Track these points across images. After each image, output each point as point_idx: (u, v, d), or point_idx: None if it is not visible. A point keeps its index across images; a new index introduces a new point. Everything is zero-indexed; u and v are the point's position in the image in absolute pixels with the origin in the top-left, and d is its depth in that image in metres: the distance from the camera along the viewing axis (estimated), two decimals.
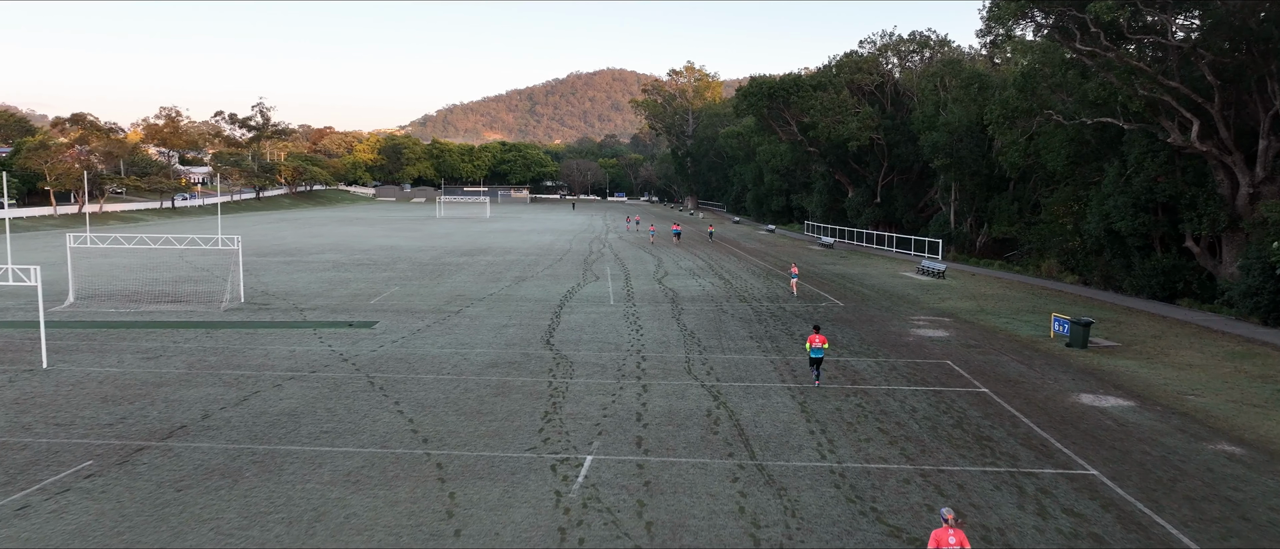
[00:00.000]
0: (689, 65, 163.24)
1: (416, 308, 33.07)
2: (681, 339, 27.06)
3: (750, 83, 67.87)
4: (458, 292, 37.68)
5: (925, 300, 36.82)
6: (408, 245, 62.57)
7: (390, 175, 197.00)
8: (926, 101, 57.97)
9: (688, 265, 50.35)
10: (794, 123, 66.97)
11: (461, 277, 43.43)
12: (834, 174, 70.88)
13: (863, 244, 65.75)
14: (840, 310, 33.59)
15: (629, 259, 53.92)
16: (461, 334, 27.65)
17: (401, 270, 46.04)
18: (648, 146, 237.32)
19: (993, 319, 31.98)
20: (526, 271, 46.09)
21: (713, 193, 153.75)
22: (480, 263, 50.50)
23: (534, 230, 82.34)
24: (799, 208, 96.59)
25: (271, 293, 36.93)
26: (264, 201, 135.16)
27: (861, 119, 59.98)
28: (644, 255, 56.73)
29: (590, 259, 53.60)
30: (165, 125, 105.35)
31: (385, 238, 69.69)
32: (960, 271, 47.64)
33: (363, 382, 21.12)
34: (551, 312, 32.40)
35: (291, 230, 78.00)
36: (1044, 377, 22.63)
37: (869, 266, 51.14)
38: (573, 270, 46.93)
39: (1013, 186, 53.95)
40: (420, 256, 53.95)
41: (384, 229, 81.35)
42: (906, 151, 62.48)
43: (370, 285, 39.67)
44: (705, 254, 58.44)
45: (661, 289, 39.27)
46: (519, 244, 64.88)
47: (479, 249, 60.03)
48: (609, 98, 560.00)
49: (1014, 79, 43.98)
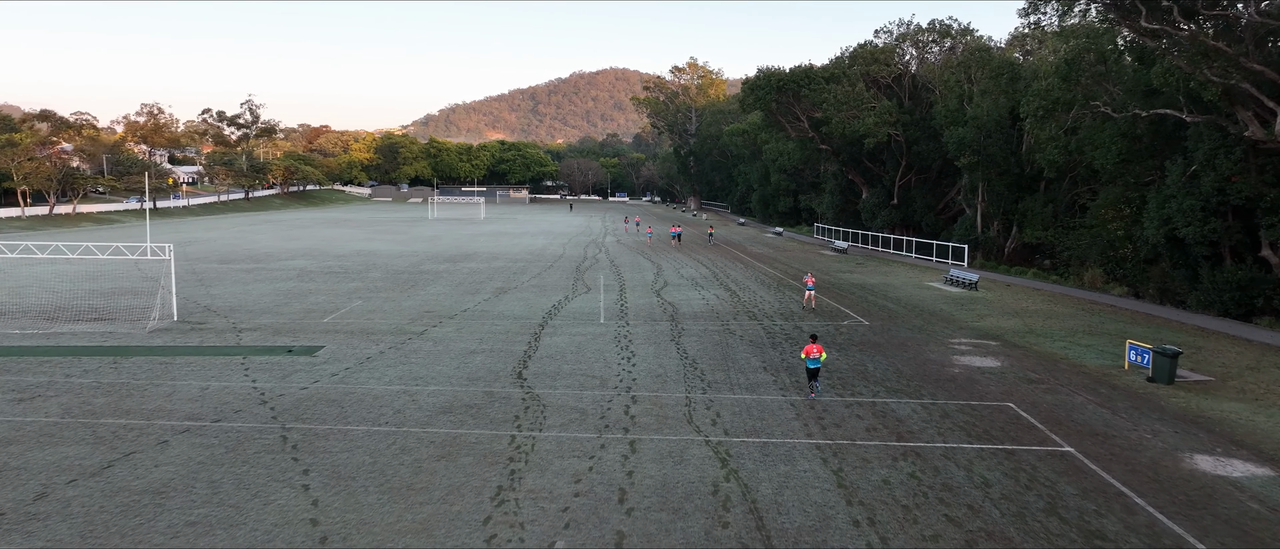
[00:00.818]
0: (692, 62, 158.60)
1: (374, 328, 28.51)
2: (681, 370, 22.46)
3: (757, 75, 63.24)
4: (428, 307, 33.11)
5: (961, 317, 32.15)
6: (388, 250, 58.06)
7: (386, 175, 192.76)
8: (950, 95, 53.29)
9: (690, 274, 45.74)
10: (805, 118, 62.28)
11: (437, 288, 38.87)
12: (847, 173, 66.18)
13: (879, 249, 61.07)
14: (866, 331, 28.95)
15: (625, 266, 49.34)
16: (418, 364, 23.07)
17: (372, 280, 41.50)
18: (650, 146, 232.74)
19: (1047, 343, 27.31)
20: (511, 281, 41.52)
21: (716, 193, 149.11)
22: (461, 271, 45.94)
23: (527, 233, 77.79)
24: (807, 209, 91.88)
25: (215, 308, 32.40)
26: (254, 202, 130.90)
27: (879, 113, 55.28)
28: (642, 262, 52.13)
29: (583, 266, 49.01)
30: (147, 122, 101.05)
31: (366, 241, 65.20)
32: (992, 281, 42.94)
33: (273, 437, 16.56)
34: (531, 333, 27.82)
35: (270, 233, 73.55)
36: (1137, 426, 17.98)
37: (890, 275, 46.46)
38: (562, 280, 42.36)
39: (1045, 187, 49.26)
40: (397, 263, 49.41)
41: (369, 231, 76.89)
42: (927, 149, 57.79)
43: (331, 299, 35.13)
44: (708, 260, 53.82)
45: (660, 303, 34.66)
46: (508, 249, 60.32)
47: (464, 255, 55.47)
48: (612, 97, 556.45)
49: (1055, 67, 39.25)
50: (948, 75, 54.01)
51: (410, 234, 74.41)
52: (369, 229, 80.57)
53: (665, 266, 49.30)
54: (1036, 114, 39.65)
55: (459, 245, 62.80)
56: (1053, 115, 39.75)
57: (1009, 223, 52.10)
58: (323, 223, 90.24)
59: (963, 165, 49.72)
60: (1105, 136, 36.72)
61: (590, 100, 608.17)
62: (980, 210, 51.60)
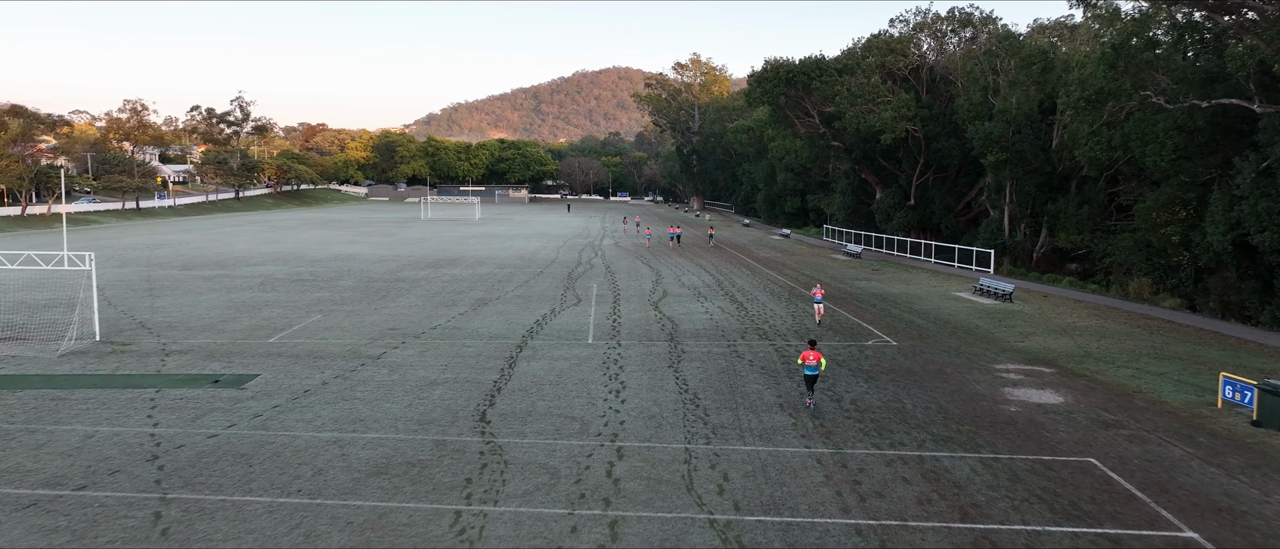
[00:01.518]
0: (695, 58, 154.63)
1: (325, 350, 24.60)
2: (680, 411, 18.51)
3: (765, 67, 59.17)
4: (393, 323, 29.18)
5: (1002, 336, 28.14)
6: (369, 254, 54.18)
7: (383, 174, 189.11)
8: (973, 87, 49.26)
9: (691, 282, 41.78)
10: (815, 113, 58.22)
11: (410, 299, 34.94)
12: (860, 172, 62.14)
13: (895, 253, 57.03)
14: (895, 354, 24.96)
15: (622, 273, 45.39)
16: (362, 401, 19.15)
17: (341, 289, 37.60)
18: (652, 145, 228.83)
19: (1110, 370, 23.29)
20: (494, 291, 37.58)
21: (720, 192, 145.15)
22: (442, 278, 42.02)
23: (521, 235, 73.88)
24: (816, 210, 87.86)
25: (151, 324, 28.52)
26: (244, 202, 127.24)
27: (897, 107, 51.21)
28: (640, 268, 48.17)
29: (577, 273, 45.08)
30: (129, 119, 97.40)
31: (349, 244, 61.34)
32: (1026, 291, 38.88)
33: (144, 516, 12.65)
34: (506, 357, 23.89)
35: (249, 235, 69.75)
36: (1269, 496, 13.99)
37: (912, 283, 42.42)
38: (551, 289, 38.42)
39: (1077, 186, 45.23)
40: (374, 269, 45.52)
41: (355, 233, 73.06)
42: (947, 146, 53.74)
43: (288, 312, 31.23)
44: (712, 265, 49.84)
45: (657, 318, 30.70)
46: (498, 253, 56.41)
47: (449, 259, 51.56)
48: (614, 96, 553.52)
49: (1099, 54, 35.18)
50: (971, 66, 49.94)
51: (398, 236, 70.56)
52: (356, 230, 76.76)
53: (665, 273, 45.34)
54: (1077, 106, 35.63)
55: (446, 249, 58.91)
56: (1095, 107, 35.71)
57: (1037, 226, 48.06)
58: (310, 224, 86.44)
59: (989, 163, 45.67)
60: (1158, 130, 32.67)
61: (593, 99, 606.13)
62: (1007, 212, 47.53)
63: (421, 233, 75.05)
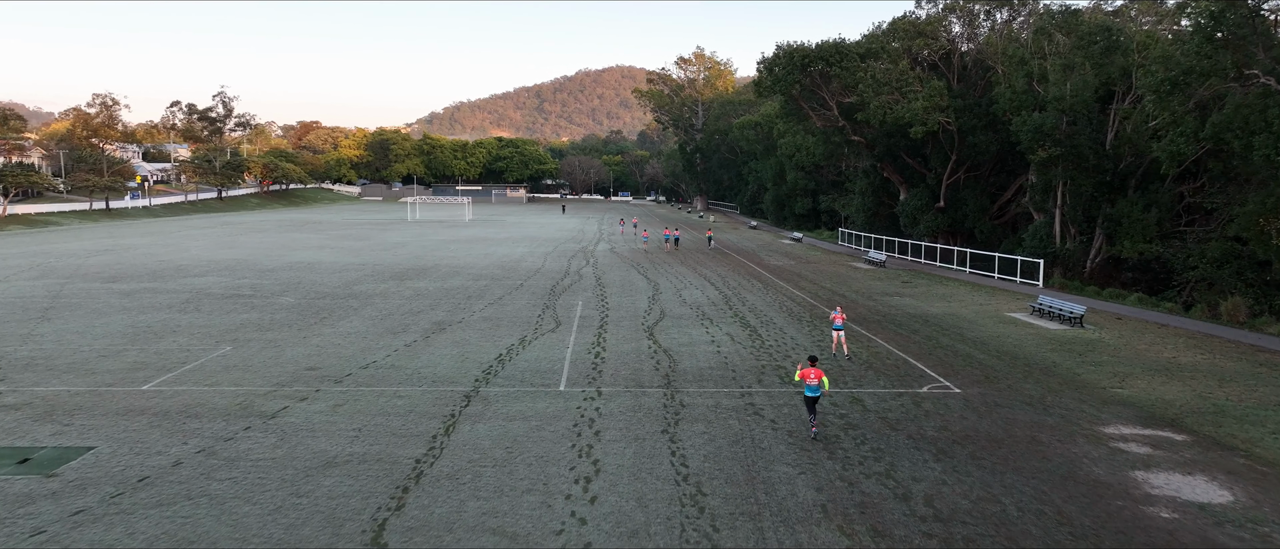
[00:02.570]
0: (698, 52, 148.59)
1: (209, 403, 18.58)
2: (676, 521, 12.44)
3: (777, 52, 52.85)
4: (317, 360, 23.14)
5: (1091, 378, 22.01)
6: (332, 262, 48.20)
7: (377, 173, 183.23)
8: (1015, 73, 43.09)
9: (694, 298, 35.68)
10: (834, 104, 52.00)
11: (352, 323, 28.88)
12: (882, 171, 55.94)
13: (923, 262, 50.85)
14: (963, 409, 18.84)
15: (614, 286, 39.32)
16: (213, 501, 13.13)
17: (276, 310, 31.58)
18: (655, 143, 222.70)
19: (1267, 436, 17.12)
20: (459, 310, 31.52)
21: (725, 192, 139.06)
22: (402, 294, 35.97)
23: (508, 239, 67.85)
24: (828, 211, 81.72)
25: (8, 358, 22.53)
26: (227, 202, 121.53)
27: (929, 96, 45.01)
28: (635, 279, 42.09)
29: (561, 286, 39.03)
30: (98, 115, 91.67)
31: (315, 250, 55.37)
32: (1097, 313, 32.59)
33: None
34: (445, 415, 17.85)
35: (211, 239, 63.83)
36: None
37: (952, 300, 36.24)
38: (528, 308, 32.36)
39: (1139, 186, 39.09)
40: (329, 282, 39.50)
41: (330, 236, 67.13)
42: (982, 140, 47.53)
43: (194, 342, 25.22)
44: (717, 277, 43.74)
45: (651, 350, 24.62)
46: (477, 261, 50.37)
47: (420, 268, 45.52)
48: (618, 95, 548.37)
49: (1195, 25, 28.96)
50: (1014, 49, 43.68)
51: (373, 240, 64.58)
52: (333, 233, 70.82)
53: (664, 286, 39.24)
54: (1161, 90, 29.46)
55: (422, 255, 52.89)
56: (1181, 91, 29.55)
57: (1089, 230, 41.88)
58: (286, 226, 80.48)
59: (1037, 160, 39.47)
60: (1271, 117, 26.47)
61: (596, 98, 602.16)
62: (1058, 216, 41.31)
63: (401, 236, 69.07)
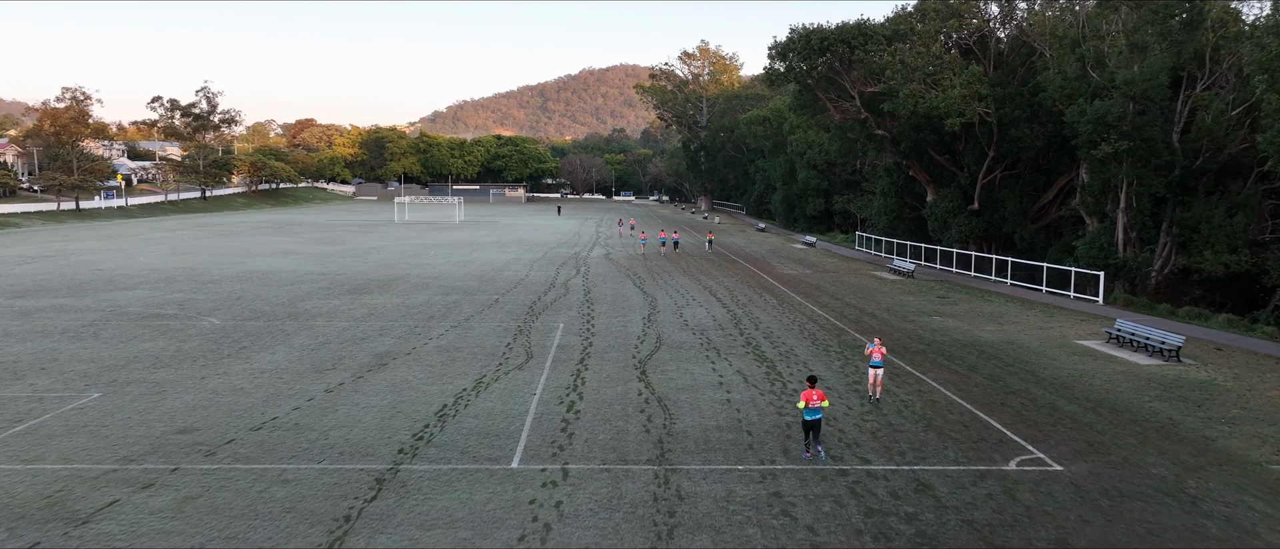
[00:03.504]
0: (703, 47, 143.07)
1: (10, 493, 13.12)
2: None
3: (792, 35, 47.12)
4: (199, 416, 17.64)
5: (1230, 445, 16.42)
6: (291, 270, 42.80)
7: (372, 172, 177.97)
8: (1067, 57, 37.47)
9: (697, 318, 30.15)
10: (856, 93, 46.34)
11: (272, 356, 23.40)
12: (907, 169, 50.30)
13: (956, 272, 45.24)
14: (1076, 504, 13.27)
15: (604, 302, 33.83)
16: None
17: (192, 336, 26.15)
18: (659, 142, 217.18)
19: None
20: (410, 337, 26.03)
21: (730, 192, 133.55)
22: (354, 313, 30.49)
23: (496, 243, 62.41)
24: (842, 213, 76.10)
25: None
26: (211, 202, 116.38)
27: (966, 83, 39.35)
28: (630, 293, 36.59)
29: (543, 303, 33.55)
30: (67, 110, 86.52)
31: (279, 257, 50.00)
32: (1197, 343, 26.79)
33: None
34: (339, 517, 12.37)
35: (168, 244, 58.50)
36: None
37: (1004, 321, 30.59)
38: (496, 333, 26.88)
39: (1214, 186, 33.45)
40: (273, 296, 34.07)
41: (302, 240, 61.78)
42: (1026, 133, 41.86)
43: (62, 384, 19.79)
44: (724, 289, 38.21)
45: (641, 399, 19.10)
46: (455, 269, 44.92)
47: (385, 280, 40.06)
48: (622, 94, 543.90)
49: None
50: (1063, 30, 38.00)
51: (348, 245, 59.19)
52: (308, 236, 65.46)
53: (662, 303, 33.71)
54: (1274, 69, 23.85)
55: (394, 263, 47.45)
56: None
57: (1153, 238, 36.23)
58: (261, 228, 75.12)
59: (1099, 156, 33.77)
60: None
61: (600, 97, 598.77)
62: (1121, 221, 35.64)
63: (380, 240, 63.67)
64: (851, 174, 78.42)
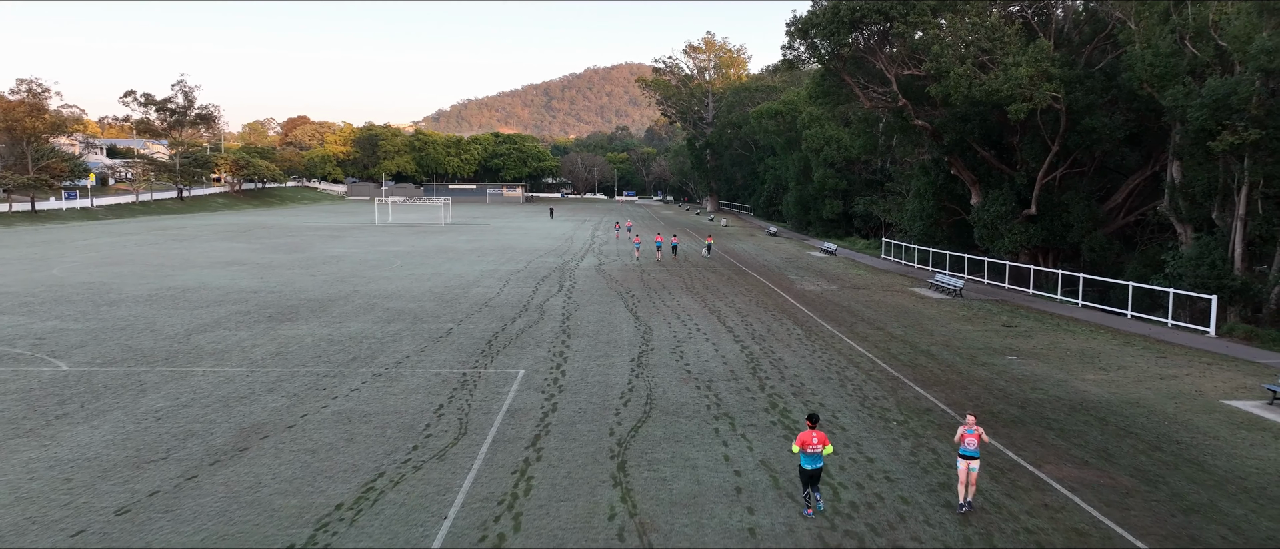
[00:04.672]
0: (709, 39, 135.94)
1: None
2: None
3: (814, 9, 39.74)
4: None
5: None
6: (220, 286, 35.83)
7: (365, 171, 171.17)
8: (1156, 31, 30.28)
9: (700, 360, 23.03)
10: (893, 76, 39.09)
11: (92, 431, 16.39)
12: (949, 166, 43.03)
13: (1010, 288, 38.05)
14: None
15: (586, 333, 26.75)
16: None
17: (9, 391, 19.16)
18: (663, 140, 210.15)
19: None
20: (308, 394, 19.00)
21: (737, 192, 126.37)
22: (252, 354, 23.45)
23: (476, 250, 55.41)
24: (863, 216, 68.84)
25: None
26: (187, 203, 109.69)
27: (1034, 60, 32.06)
28: (619, 319, 29.48)
29: (506, 335, 26.48)
30: (19, 104, 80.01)
31: (216, 268, 43.08)
32: None
33: None
34: None
35: (101, 251, 51.59)
36: None
37: (1106, 365, 23.34)
38: (431, 387, 19.83)
39: None
40: (171, 326, 27.08)
41: (261, 246, 54.88)
42: (1103, 123, 34.62)
43: None
44: (734, 313, 31.08)
45: (615, 524, 12.03)
46: (415, 285, 37.89)
47: (324, 301, 33.04)
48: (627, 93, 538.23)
49: None
50: None
51: (308, 253, 52.23)
52: (269, 242, 58.55)
53: (657, 336, 26.60)
54: None
55: (348, 277, 40.48)
56: None
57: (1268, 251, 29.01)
58: (222, 232, 68.23)
59: (1219, 148, 26.55)
60: None
61: (605, 95, 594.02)
62: (1238, 231, 28.38)
63: (348, 247, 56.71)
64: (873, 173, 71.25)
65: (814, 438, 12.33)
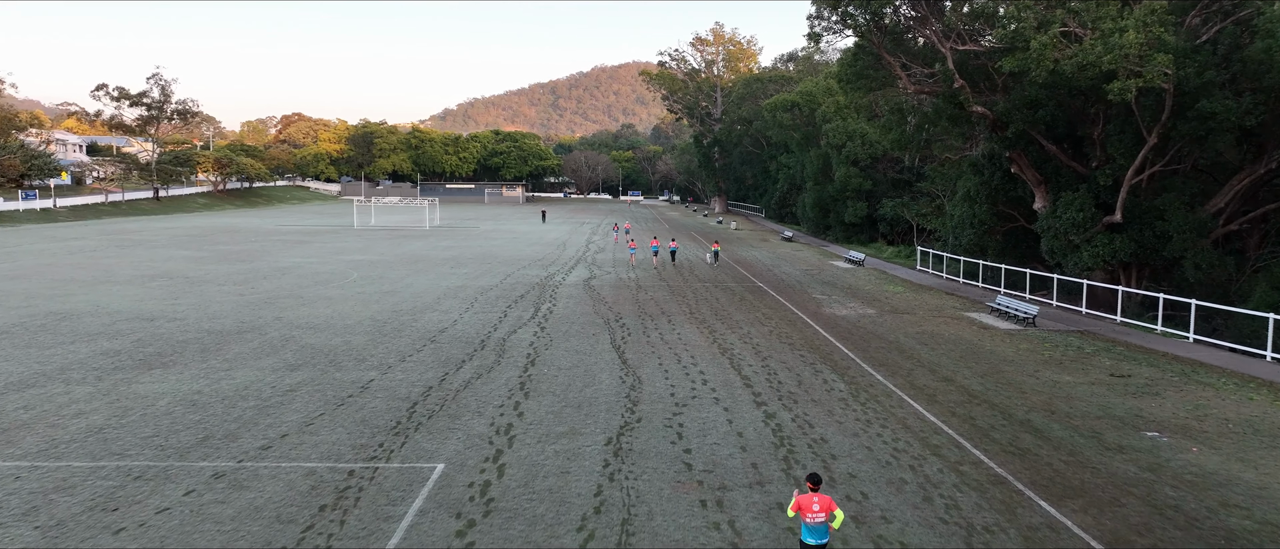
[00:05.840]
0: (717, 31, 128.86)
1: None
2: None
3: None
4: None
5: None
6: (117, 309, 28.88)
7: (360, 169, 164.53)
8: None
9: (706, 441, 15.86)
10: (948, 50, 31.72)
11: None
12: (1009, 161, 35.66)
13: (1087, 313, 30.76)
14: None
15: (551, 390, 19.60)
16: None
17: None
18: (670, 138, 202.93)
19: None
20: (75, 525, 11.94)
21: (747, 192, 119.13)
22: (60, 430, 16.42)
23: (451, 260, 48.41)
24: (891, 220, 61.50)
25: None
26: (164, 203, 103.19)
27: (1145, 22, 24.64)
28: (599, 363, 22.30)
29: (442, 392, 19.37)
30: None
31: (130, 284, 36.22)
32: None
33: None
34: None
35: (21, 261, 44.77)
36: None
37: None
38: (315, 476, 12.72)
39: None
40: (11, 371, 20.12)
41: (204, 254, 48.05)
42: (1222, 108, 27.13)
43: None
44: (750, 353, 23.89)
45: None
46: (353, 310, 30.83)
47: (225, 334, 25.99)
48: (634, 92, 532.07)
49: None
50: None
51: (256, 263, 45.32)
52: (218, 249, 51.71)
53: (649, 391, 19.46)
54: None
55: (276, 297, 33.48)
56: None
57: None
58: (175, 238, 61.44)
59: None
60: None
61: (612, 94, 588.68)
62: None
63: (304, 256, 49.80)
64: (900, 171, 63.92)
65: (814, 503, 9.93)
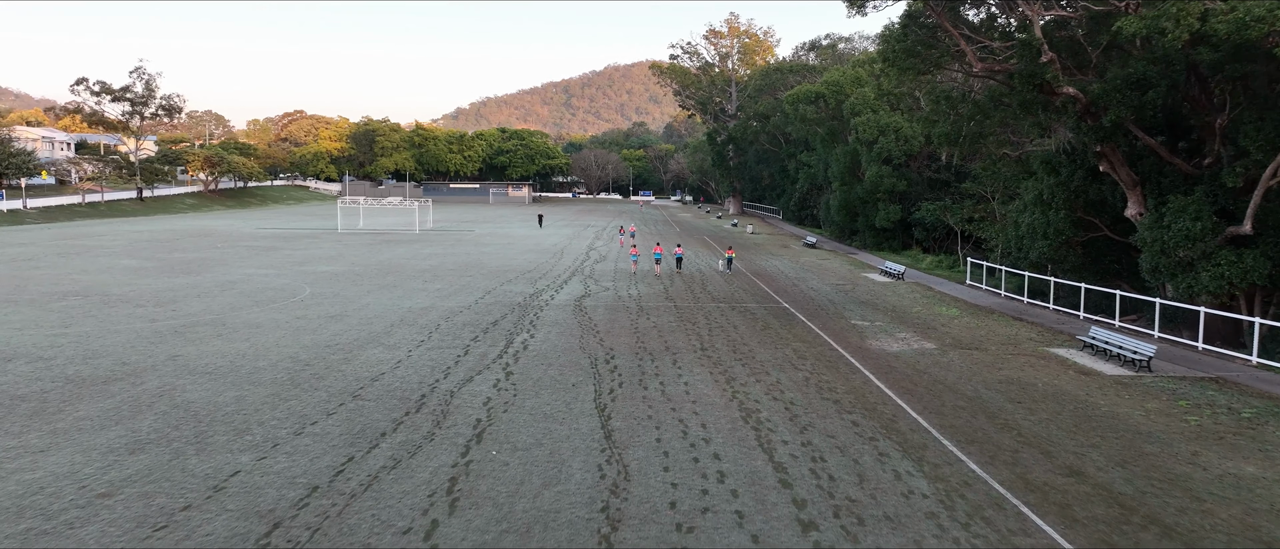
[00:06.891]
0: (732, 21, 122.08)
1: None
2: None
3: None
4: None
5: None
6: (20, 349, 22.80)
7: (361, 168, 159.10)
8: None
9: None
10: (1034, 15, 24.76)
11: None
12: (1099, 157, 28.92)
13: (1204, 349, 24.13)
14: None
15: (495, 492, 13.22)
16: None
17: None
18: (683, 136, 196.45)
19: None
20: None
21: (763, 192, 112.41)
22: None
23: (429, 271, 42.19)
24: (929, 225, 54.74)
25: None
26: (148, 204, 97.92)
27: None
28: (574, 437, 15.88)
29: (330, 499, 13.00)
30: None
31: (36, 305, 30.20)
32: None
33: None
34: None
35: None
36: None
37: None
38: None
39: None
40: None
41: (150, 264, 42.15)
42: None
43: None
44: (780, 415, 17.40)
45: None
46: (289, 340, 24.53)
47: (107, 377, 19.76)
48: (647, 90, 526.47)
49: None
50: None
51: (206, 275, 39.28)
52: (176, 257, 45.77)
53: (638, 489, 13.03)
54: None
55: (202, 322, 27.32)
56: None
57: None
58: (135, 243, 55.60)
59: None
60: None
61: (625, 93, 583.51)
62: None
63: (260, 266, 43.75)
64: (937, 170, 57.19)
65: None
